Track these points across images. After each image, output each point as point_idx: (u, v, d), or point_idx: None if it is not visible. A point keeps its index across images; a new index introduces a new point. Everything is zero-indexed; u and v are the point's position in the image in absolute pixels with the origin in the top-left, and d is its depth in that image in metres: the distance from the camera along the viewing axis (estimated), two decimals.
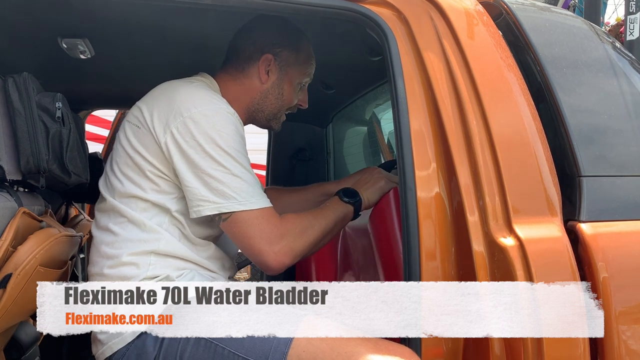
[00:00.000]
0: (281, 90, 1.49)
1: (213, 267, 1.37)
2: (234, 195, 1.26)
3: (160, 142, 1.28)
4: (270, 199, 1.33)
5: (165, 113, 1.29)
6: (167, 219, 1.32)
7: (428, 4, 1.30)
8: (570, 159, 1.21)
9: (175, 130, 1.27)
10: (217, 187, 1.25)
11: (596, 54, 1.36)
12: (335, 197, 1.51)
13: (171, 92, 1.34)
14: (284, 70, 1.48)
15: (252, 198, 1.27)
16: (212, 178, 1.25)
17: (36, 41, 1.66)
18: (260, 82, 1.47)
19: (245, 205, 1.26)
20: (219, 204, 1.25)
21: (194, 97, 1.31)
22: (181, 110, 1.28)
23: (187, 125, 1.26)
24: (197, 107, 1.28)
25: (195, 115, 1.27)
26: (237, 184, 1.26)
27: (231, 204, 1.25)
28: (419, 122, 1.23)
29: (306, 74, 1.53)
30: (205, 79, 1.46)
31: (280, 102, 1.51)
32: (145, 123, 1.31)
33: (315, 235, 1.37)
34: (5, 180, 1.32)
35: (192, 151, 1.26)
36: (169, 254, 1.30)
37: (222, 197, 1.25)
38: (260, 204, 1.28)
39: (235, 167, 1.27)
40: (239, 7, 1.29)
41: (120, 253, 1.29)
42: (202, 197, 1.26)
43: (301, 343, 1.15)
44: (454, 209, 1.20)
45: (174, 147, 1.27)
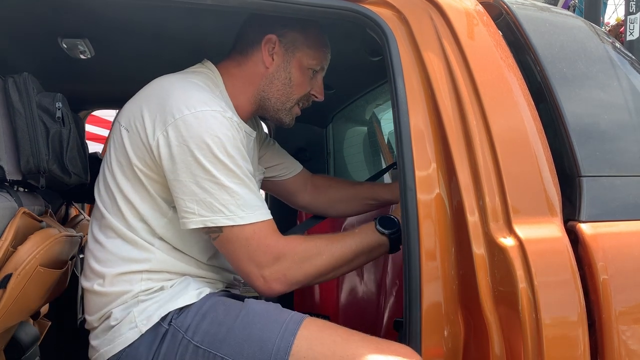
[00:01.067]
0: (288, 74, 1.38)
1: (212, 275, 1.34)
2: (221, 209, 1.16)
3: (152, 146, 1.20)
4: (317, 188, 1.25)
5: (156, 114, 1.20)
6: (159, 233, 1.25)
7: (428, 4, 1.30)
8: (570, 159, 1.21)
9: (165, 133, 1.18)
10: (204, 199, 1.16)
11: (596, 54, 1.36)
12: (370, 224, 1.34)
13: (164, 90, 1.25)
14: (291, 52, 1.38)
15: (242, 212, 1.17)
16: (200, 188, 1.16)
17: (36, 41, 1.66)
18: (265, 65, 1.37)
19: (232, 219, 1.17)
20: (205, 217, 1.17)
21: (187, 98, 1.21)
22: (173, 111, 1.18)
23: (179, 128, 1.17)
24: (190, 109, 1.18)
25: (188, 117, 1.17)
26: (227, 196, 1.17)
27: (218, 217, 1.16)
28: (419, 122, 1.23)
29: (317, 59, 1.41)
30: (207, 68, 1.38)
31: (288, 88, 1.39)
32: (135, 125, 1.23)
33: (322, 265, 1.24)
34: (5, 180, 1.32)
35: (181, 157, 1.17)
36: (162, 270, 1.25)
37: (209, 210, 1.16)
38: (252, 218, 1.18)
39: (227, 176, 1.17)
40: (239, 7, 1.29)
41: (110, 272, 1.24)
42: (188, 208, 1.18)
43: (301, 349, 1.13)
44: (454, 209, 1.20)
45: (165, 150, 1.18)
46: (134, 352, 1.20)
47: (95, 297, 1.27)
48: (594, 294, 1.09)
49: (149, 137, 1.20)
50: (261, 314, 1.20)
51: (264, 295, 1.24)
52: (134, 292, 1.23)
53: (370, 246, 1.32)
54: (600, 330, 1.08)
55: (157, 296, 1.24)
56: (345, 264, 1.29)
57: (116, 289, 1.24)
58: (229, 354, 1.15)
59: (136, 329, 1.20)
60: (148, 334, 1.20)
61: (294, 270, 1.22)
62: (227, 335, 1.17)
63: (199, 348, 1.17)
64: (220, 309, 1.22)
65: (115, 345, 1.22)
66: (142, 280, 1.24)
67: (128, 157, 1.24)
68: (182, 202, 1.19)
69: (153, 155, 1.21)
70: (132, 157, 1.23)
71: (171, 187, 1.20)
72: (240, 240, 1.19)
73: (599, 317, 1.08)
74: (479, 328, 1.12)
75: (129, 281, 1.24)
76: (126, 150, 1.24)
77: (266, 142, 1.71)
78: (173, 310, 1.21)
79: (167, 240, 1.26)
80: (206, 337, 1.18)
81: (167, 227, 1.26)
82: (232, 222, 1.17)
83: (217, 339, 1.17)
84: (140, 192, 1.25)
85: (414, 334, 1.16)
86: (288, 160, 1.74)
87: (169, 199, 1.24)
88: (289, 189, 1.73)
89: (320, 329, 1.18)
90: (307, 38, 1.40)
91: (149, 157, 1.22)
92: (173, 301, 1.23)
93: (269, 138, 1.74)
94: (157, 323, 1.20)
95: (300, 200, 1.74)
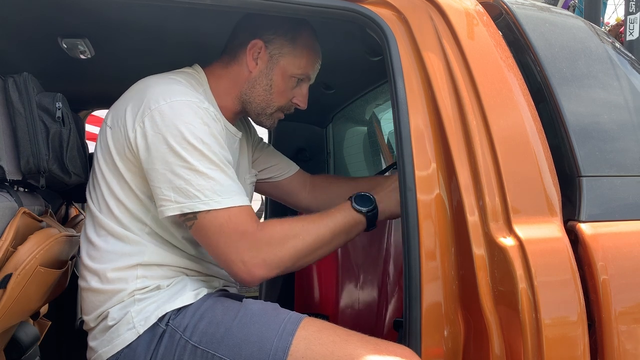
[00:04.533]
0: (270, 81, 1.39)
1: (206, 269, 1.34)
2: (197, 194, 1.16)
3: (130, 138, 1.21)
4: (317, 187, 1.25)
5: (135, 108, 1.23)
6: (149, 227, 1.26)
7: (428, 4, 1.30)
8: (570, 159, 1.21)
9: (142, 124, 1.20)
10: (179, 185, 1.16)
11: (596, 54, 1.36)
12: (346, 203, 1.33)
13: (144, 88, 1.27)
14: (275, 60, 1.38)
15: (218, 197, 1.16)
16: (175, 175, 1.16)
17: (36, 41, 1.66)
18: (248, 69, 1.39)
19: (208, 204, 1.15)
20: (181, 203, 1.16)
21: (164, 90, 1.23)
22: (150, 103, 1.21)
23: (154, 118, 1.19)
24: (166, 99, 1.20)
25: (163, 107, 1.19)
26: (202, 181, 1.16)
27: (194, 203, 1.16)
28: (418, 122, 1.23)
29: (302, 68, 1.41)
30: (192, 69, 1.40)
31: (268, 94, 1.40)
32: (118, 122, 1.26)
33: (301, 247, 1.22)
34: (5, 180, 1.31)
35: (156, 146, 1.18)
36: (156, 263, 1.25)
37: (185, 196, 1.16)
38: (229, 202, 1.17)
39: (201, 162, 1.17)
40: (239, 7, 1.29)
41: (105, 268, 1.25)
42: (165, 196, 1.17)
43: (300, 349, 1.13)
44: (454, 209, 1.20)
45: (141, 141, 1.20)
46: (132, 353, 1.20)
47: (92, 296, 1.27)
48: (593, 294, 1.09)
49: (129, 130, 1.22)
50: (259, 314, 1.20)
51: (247, 283, 1.22)
52: (129, 290, 1.23)
53: (348, 225, 1.30)
54: (600, 330, 1.08)
55: (154, 296, 1.24)
56: (325, 245, 1.27)
57: (112, 286, 1.24)
58: (227, 354, 1.15)
59: (134, 329, 1.21)
60: (146, 335, 1.20)
61: (273, 254, 1.19)
62: (225, 336, 1.17)
63: (196, 348, 1.17)
64: (219, 309, 1.22)
65: (113, 347, 1.22)
66: (138, 278, 1.24)
67: (111, 154, 1.26)
68: (158, 190, 1.19)
69: (131, 147, 1.22)
70: (114, 153, 1.25)
71: (148, 177, 1.21)
72: (215, 226, 1.17)
73: (598, 317, 1.08)
74: (479, 328, 1.12)
75: (125, 279, 1.24)
76: (109, 147, 1.26)
77: (259, 145, 1.72)
78: (171, 311, 1.21)
79: (156, 232, 1.27)
80: (204, 337, 1.18)
81: (153, 221, 1.26)
82: (208, 206, 1.16)
83: (215, 339, 1.17)
84: (124, 188, 1.26)
85: (414, 333, 1.16)
86: (283, 161, 1.75)
87: (149, 192, 1.24)
88: (286, 190, 1.74)
89: (319, 329, 1.18)
90: (296, 47, 1.40)
91: (128, 151, 1.23)
92: (171, 302, 1.23)
93: (262, 141, 1.75)
94: (154, 323, 1.20)
95: (301, 201, 1.74)
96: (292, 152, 2.74)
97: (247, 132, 1.64)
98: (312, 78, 1.48)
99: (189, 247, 1.31)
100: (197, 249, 1.32)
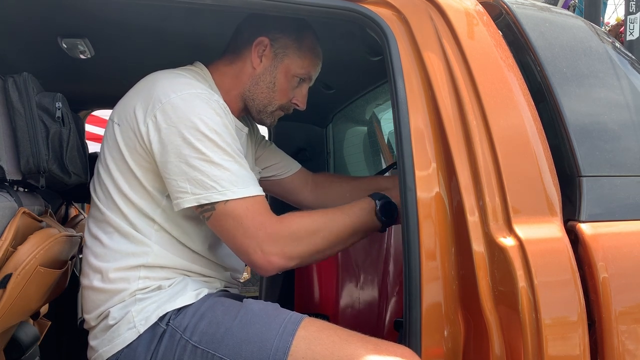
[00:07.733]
0: (273, 79, 1.40)
1: (208, 270, 1.34)
2: (213, 185, 1.16)
3: (142, 132, 1.21)
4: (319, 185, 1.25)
5: (145, 103, 1.23)
6: (157, 223, 1.26)
7: (428, 4, 1.30)
8: (570, 159, 1.21)
9: (154, 118, 1.20)
10: (195, 177, 1.16)
11: (596, 54, 1.36)
12: (369, 205, 1.33)
13: (151, 83, 1.28)
14: (280, 58, 1.40)
15: (235, 187, 1.17)
16: (191, 167, 1.17)
17: (36, 41, 1.66)
18: (252, 66, 1.40)
19: (225, 194, 1.16)
20: (198, 194, 1.17)
21: (173, 84, 1.24)
22: (160, 97, 1.21)
23: (166, 111, 1.19)
24: (176, 92, 1.21)
25: (175, 99, 1.20)
26: (218, 172, 1.17)
27: (210, 193, 1.16)
28: (418, 122, 1.23)
29: (305, 68, 1.43)
30: (196, 67, 1.41)
31: (271, 92, 1.42)
32: (126, 117, 1.26)
33: (322, 242, 1.24)
34: (5, 180, 1.31)
35: (170, 138, 1.18)
36: (159, 265, 1.26)
37: (201, 187, 1.16)
38: (246, 192, 1.18)
39: (216, 153, 1.18)
40: (239, 7, 1.29)
41: (108, 267, 1.25)
42: (181, 188, 1.18)
43: (300, 349, 1.13)
44: (454, 209, 1.20)
45: (154, 135, 1.20)
46: (132, 352, 1.20)
47: (94, 294, 1.27)
48: (594, 294, 1.09)
49: (140, 124, 1.22)
50: (260, 314, 1.20)
51: (265, 271, 1.22)
52: (131, 290, 1.23)
53: (366, 228, 1.33)
54: (600, 330, 1.08)
55: (155, 295, 1.24)
56: (342, 243, 1.29)
57: (114, 286, 1.24)
58: (227, 354, 1.15)
59: (134, 329, 1.21)
60: (146, 334, 1.20)
61: (292, 247, 1.20)
62: (226, 336, 1.17)
63: (197, 348, 1.17)
64: (219, 309, 1.22)
65: (113, 346, 1.22)
66: (140, 279, 1.24)
67: (120, 151, 1.26)
68: (174, 182, 1.19)
69: (143, 142, 1.22)
70: (124, 149, 1.25)
71: (162, 170, 1.21)
72: (234, 216, 1.17)
73: (598, 317, 1.08)
74: (479, 328, 1.12)
75: (127, 279, 1.24)
76: (118, 144, 1.26)
77: (262, 143, 1.73)
78: (171, 311, 1.22)
79: (165, 229, 1.27)
80: (204, 337, 1.18)
81: (163, 216, 1.26)
82: (225, 197, 1.16)
83: (216, 339, 1.17)
84: (134, 185, 1.26)
85: (414, 333, 1.16)
86: (285, 160, 1.76)
87: (161, 187, 1.24)
88: (289, 188, 1.75)
89: (319, 329, 1.18)
90: (300, 46, 1.42)
91: (139, 145, 1.23)
92: (171, 301, 1.23)
93: (265, 139, 1.76)
94: (155, 323, 1.20)
95: (303, 199, 1.75)
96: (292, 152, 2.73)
97: (251, 129, 1.64)
98: (313, 79, 1.50)
99: (197, 243, 1.31)
100: (204, 245, 1.32)
